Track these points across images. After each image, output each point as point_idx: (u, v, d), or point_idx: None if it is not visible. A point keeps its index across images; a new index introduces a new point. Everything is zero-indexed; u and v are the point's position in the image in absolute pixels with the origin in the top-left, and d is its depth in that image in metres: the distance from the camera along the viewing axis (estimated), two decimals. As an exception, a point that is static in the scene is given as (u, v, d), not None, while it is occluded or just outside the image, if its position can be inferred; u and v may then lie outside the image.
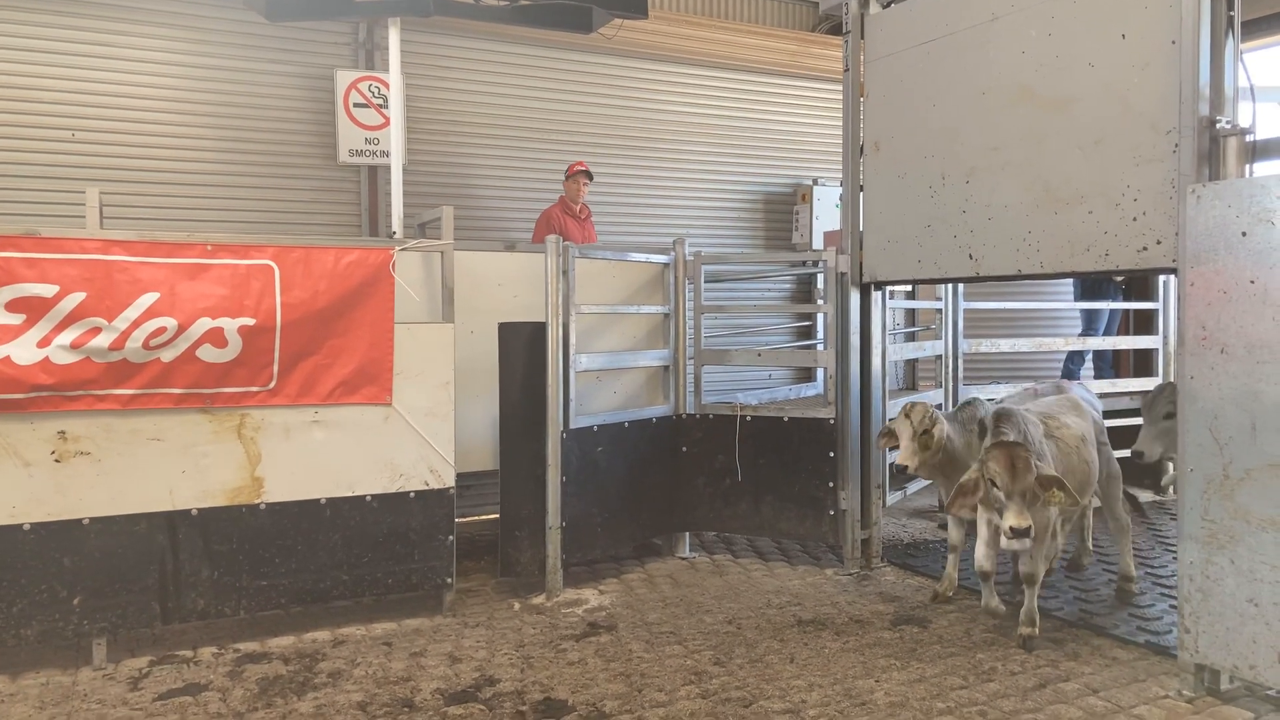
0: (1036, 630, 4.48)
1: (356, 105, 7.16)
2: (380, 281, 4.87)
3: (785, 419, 5.99)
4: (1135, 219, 4.29)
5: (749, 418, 6.04)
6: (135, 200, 6.56)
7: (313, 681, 4.16)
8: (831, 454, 5.83)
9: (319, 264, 4.72)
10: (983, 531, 4.62)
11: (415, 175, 7.20)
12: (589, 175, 7.32)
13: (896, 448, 5.21)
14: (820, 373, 7.77)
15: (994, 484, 4.22)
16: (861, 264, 5.84)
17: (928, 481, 6.62)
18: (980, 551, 4.64)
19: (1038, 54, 4.72)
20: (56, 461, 4.26)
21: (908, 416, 5.05)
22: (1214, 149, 4.00)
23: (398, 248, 4.94)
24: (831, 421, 5.83)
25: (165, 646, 4.59)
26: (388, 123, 6.78)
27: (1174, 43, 4.08)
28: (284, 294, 4.64)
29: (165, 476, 4.46)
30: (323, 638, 4.71)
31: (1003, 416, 4.54)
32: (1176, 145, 4.08)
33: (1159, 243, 4.18)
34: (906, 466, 5.02)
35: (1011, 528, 4.08)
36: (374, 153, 7.20)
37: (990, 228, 4.99)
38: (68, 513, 4.27)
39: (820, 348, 7.93)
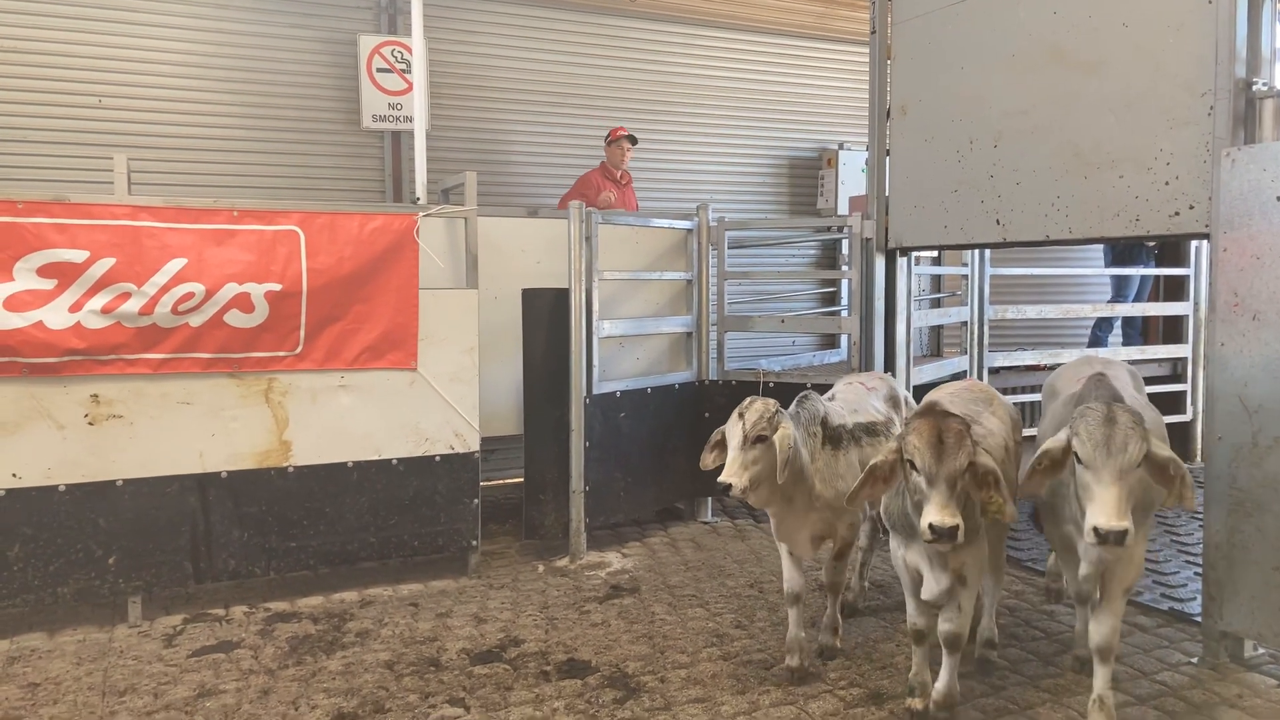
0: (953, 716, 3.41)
1: (379, 70, 7.14)
2: (404, 247, 4.89)
3: (808, 385, 5.96)
4: (1167, 183, 4.21)
5: (772, 384, 6.03)
6: (160, 166, 6.59)
7: (341, 641, 4.24)
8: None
9: (344, 230, 4.75)
10: (903, 575, 3.44)
11: (438, 141, 7.19)
12: (632, 140, 7.24)
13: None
14: (844, 339, 7.73)
15: (913, 466, 3.03)
16: (887, 229, 5.78)
17: None
18: (910, 606, 3.45)
19: (1069, 14, 4.62)
20: (90, 424, 4.34)
21: (741, 416, 3.58)
22: (1249, 112, 3.91)
23: (421, 214, 4.95)
24: (855, 388, 5.80)
25: (198, 605, 4.69)
26: (411, 88, 6.76)
27: (1210, 2, 3.98)
28: (309, 260, 4.67)
29: (195, 439, 4.53)
30: (351, 598, 4.80)
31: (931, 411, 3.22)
32: (1211, 108, 3.99)
33: (1191, 208, 4.10)
34: (730, 486, 3.48)
35: (931, 525, 2.91)
36: (397, 118, 7.19)
37: (1018, 193, 4.92)
38: (101, 474, 4.36)
39: (844, 314, 7.88)
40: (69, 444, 4.30)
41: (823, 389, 5.86)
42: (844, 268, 8.14)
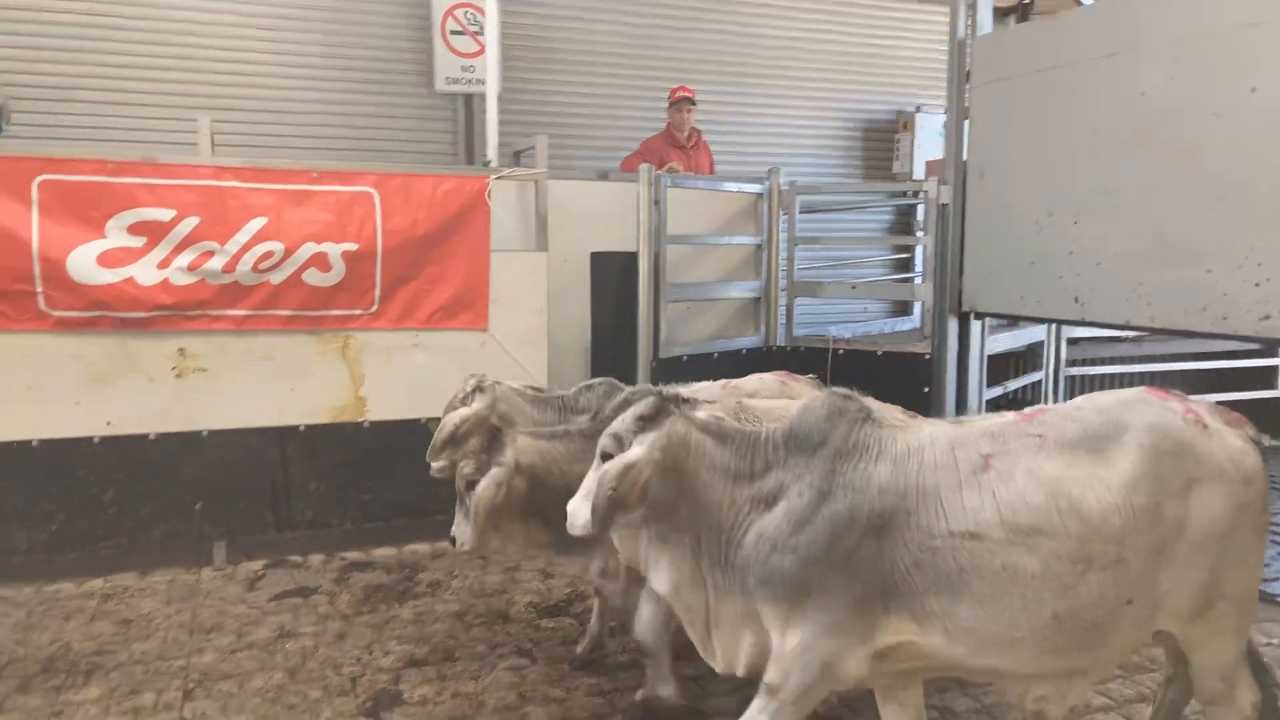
0: None
1: (453, 33, 7.18)
2: (476, 210, 4.94)
3: (879, 353, 5.90)
4: (1258, 284, 3.89)
5: (841, 351, 5.97)
6: (240, 127, 6.73)
7: (413, 590, 4.38)
8: (926, 389, 5.71)
9: (418, 192, 4.82)
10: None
11: (510, 104, 7.19)
12: (691, 101, 7.10)
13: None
14: (917, 307, 7.60)
15: None
16: (961, 293, 5.56)
17: None
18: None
19: (1158, 97, 4.29)
20: (177, 377, 4.52)
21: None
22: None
23: (493, 176, 5.00)
24: (927, 356, 5.70)
25: (278, 551, 4.86)
26: (483, 50, 6.78)
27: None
28: (384, 220, 4.77)
29: (275, 394, 4.69)
30: (422, 550, 4.93)
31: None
32: None
33: None
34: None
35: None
36: (470, 80, 7.23)
37: (1098, 273, 4.62)
38: (188, 424, 4.55)
39: (918, 281, 7.74)
40: (158, 395, 4.49)
41: (900, 356, 5.69)
42: (919, 234, 7.98)
